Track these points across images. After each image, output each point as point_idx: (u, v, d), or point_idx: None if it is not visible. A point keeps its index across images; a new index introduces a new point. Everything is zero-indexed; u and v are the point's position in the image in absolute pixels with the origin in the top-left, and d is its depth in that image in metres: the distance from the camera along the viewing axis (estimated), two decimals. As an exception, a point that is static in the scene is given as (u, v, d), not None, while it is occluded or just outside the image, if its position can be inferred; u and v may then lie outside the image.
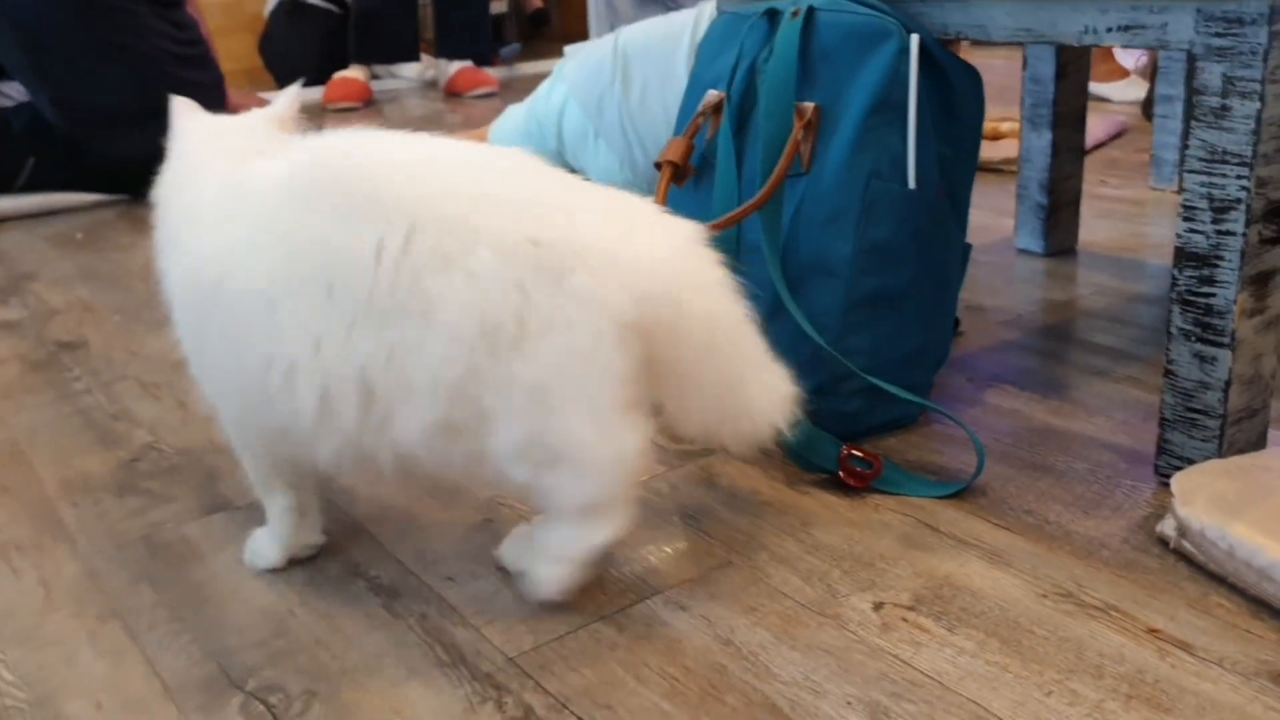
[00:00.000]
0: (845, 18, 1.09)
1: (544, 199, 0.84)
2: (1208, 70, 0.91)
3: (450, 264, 0.80)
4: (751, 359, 0.89)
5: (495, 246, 0.80)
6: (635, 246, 0.83)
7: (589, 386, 0.82)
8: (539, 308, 0.80)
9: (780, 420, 0.90)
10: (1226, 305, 0.94)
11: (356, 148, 0.86)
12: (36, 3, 2.22)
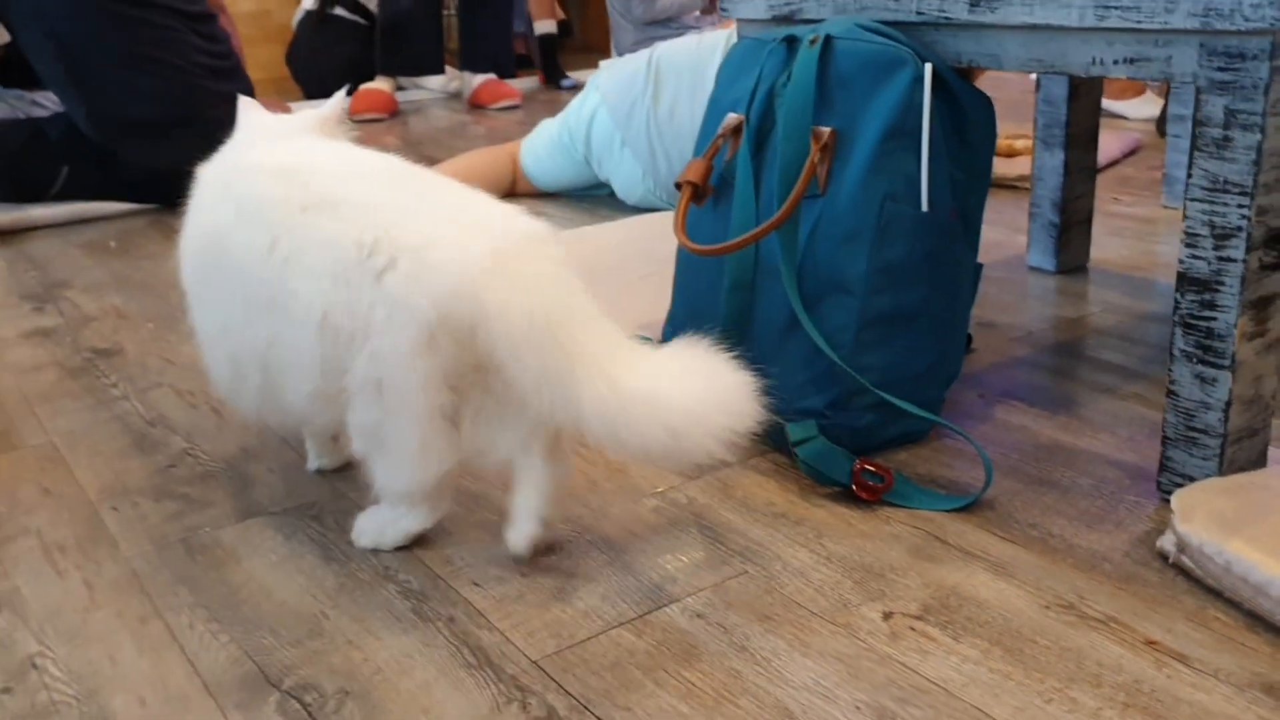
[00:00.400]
0: (862, 46, 1.13)
1: (389, 202, 0.96)
2: (1210, 103, 0.94)
3: (298, 264, 0.96)
4: (584, 355, 0.91)
5: (325, 247, 0.94)
6: (448, 248, 0.92)
7: (408, 383, 0.93)
8: (364, 307, 0.93)
9: (609, 421, 0.90)
10: (1227, 329, 0.97)
11: (263, 156, 1.05)
12: (74, 16, 2.27)
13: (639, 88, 2.21)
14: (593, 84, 2.32)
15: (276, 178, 1.01)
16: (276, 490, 1.18)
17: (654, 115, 2.18)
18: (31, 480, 1.23)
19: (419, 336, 0.91)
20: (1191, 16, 0.93)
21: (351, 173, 1.00)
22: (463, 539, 1.06)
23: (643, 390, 0.90)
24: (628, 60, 2.28)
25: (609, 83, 2.26)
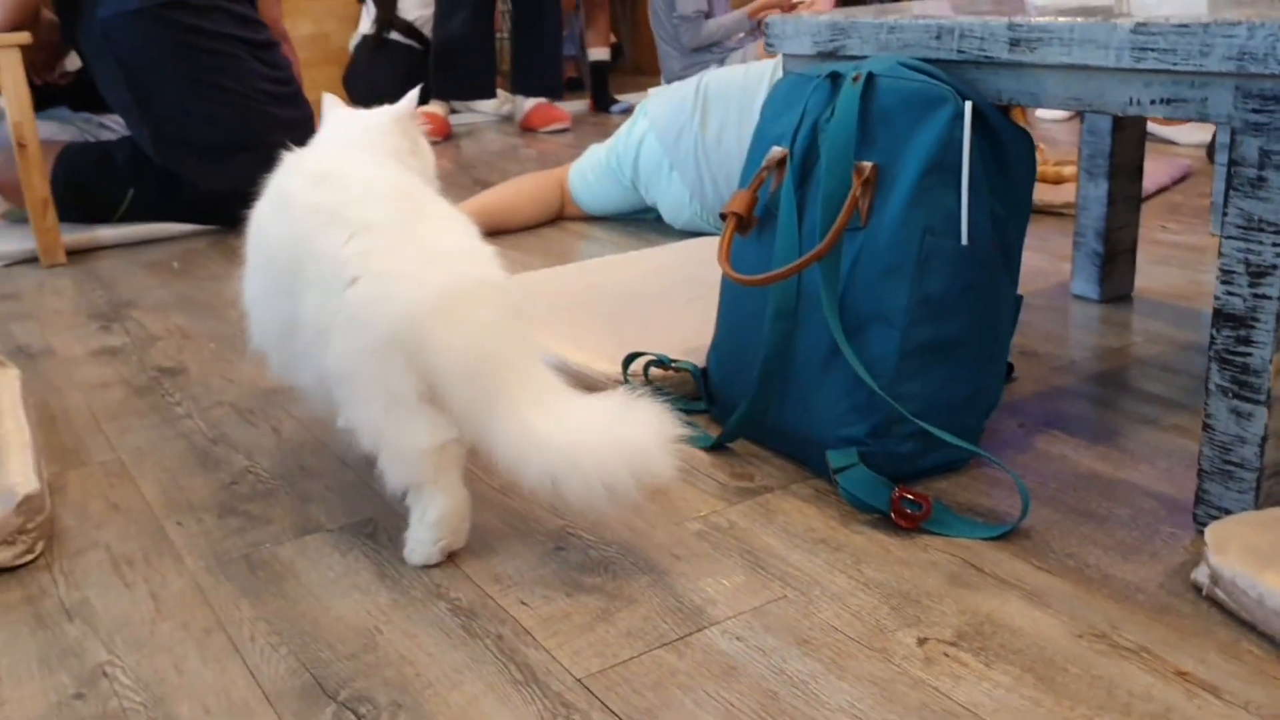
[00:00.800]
0: (903, 84, 1.16)
1: (380, 225, 1.06)
2: (1245, 143, 0.96)
3: (304, 264, 1.08)
4: (506, 398, 1.03)
5: (321, 252, 1.06)
6: (407, 281, 1.03)
7: (364, 377, 1.05)
8: (332, 310, 1.05)
9: (511, 460, 1.02)
10: (1262, 365, 0.99)
11: (310, 160, 1.17)
12: (144, 45, 2.36)
13: (687, 114, 2.25)
14: (641, 110, 2.37)
15: (308, 183, 1.13)
16: (333, 507, 1.23)
17: (701, 140, 2.22)
18: (100, 495, 1.29)
19: (370, 344, 1.04)
20: (1227, 60, 0.95)
21: (364, 192, 1.10)
22: (511, 558, 1.10)
23: (542, 437, 1.00)
24: (677, 87, 2.32)
25: (658, 109, 2.31)
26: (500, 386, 1.03)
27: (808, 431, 1.23)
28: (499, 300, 1.06)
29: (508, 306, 1.06)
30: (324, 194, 1.10)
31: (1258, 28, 0.92)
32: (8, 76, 2.23)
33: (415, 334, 1.02)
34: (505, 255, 2.21)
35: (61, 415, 1.54)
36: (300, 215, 1.11)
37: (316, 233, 1.08)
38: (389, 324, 1.03)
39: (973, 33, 1.15)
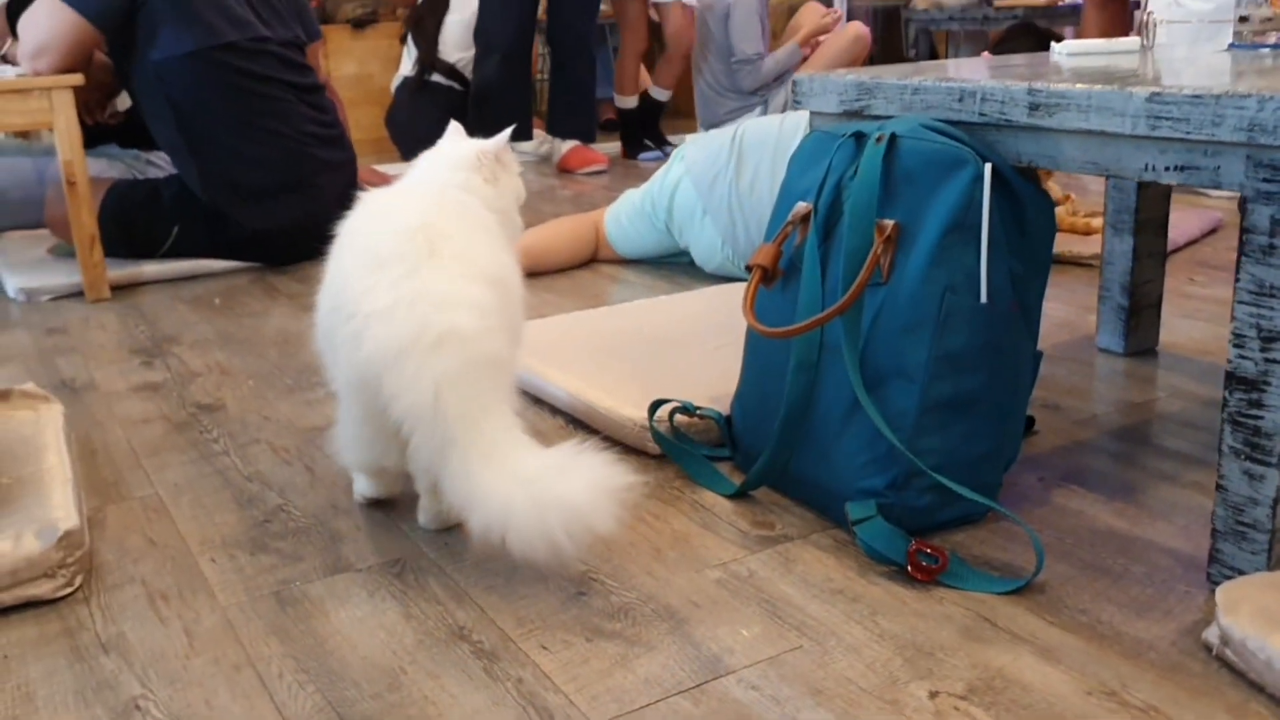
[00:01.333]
0: (925, 145, 1.19)
1: (395, 263, 1.14)
2: (1256, 211, 0.98)
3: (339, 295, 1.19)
4: (458, 444, 1.11)
5: (336, 292, 1.18)
6: (383, 327, 1.12)
7: (345, 393, 1.21)
8: (334, 335, 1.17)
9: (458, 502, 1.11)
10: (1274, 428, 1.00)
11: (385, 194, 1.26)
12: (195, 86, 2.43)
13: (723, 161, 2.30)
14: (678, 155, 2.41)
15: (367, 214, 1.23)
16: (363, 547, 1.26)
17: (736, 187, 2.26)
18: (138, 530, 1.33)
19: (349, 374, 1.17)
20: (1238, 130, 0.97)
21: (394, 226, 1.18)
22: (533, 601, 1.13)
23: (484, 490, 1.08)
24: (714, 135, 2.37)
25: (695, 155, 2.35)
26: (451, 435, 1.10)
27: (828, 482, 1.25)
28: (461, 350, 1.11)
29: (470, 356, 1.12)
30: (371, 226, 1.20)
31: (1267, 101, 0.94)
32: (60, 116, 2.31)
33: (376, 376, 1.12)
34: (537, 296, 2.25)
35: (103, 449, 1.58)
36: (350, 240, 1.21)
37: (351, 260, 1.18)
38: (357, 364, 1.14)
39: (993, 96, 1.17)
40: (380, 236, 1.17)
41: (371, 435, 1.21)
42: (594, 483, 1.06)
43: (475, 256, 1.18)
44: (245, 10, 2.48)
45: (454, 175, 1.30)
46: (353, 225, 1.23)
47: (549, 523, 1.04)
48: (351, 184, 2.66)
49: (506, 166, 1.36)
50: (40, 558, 1.16)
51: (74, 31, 2.32)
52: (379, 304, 1.13)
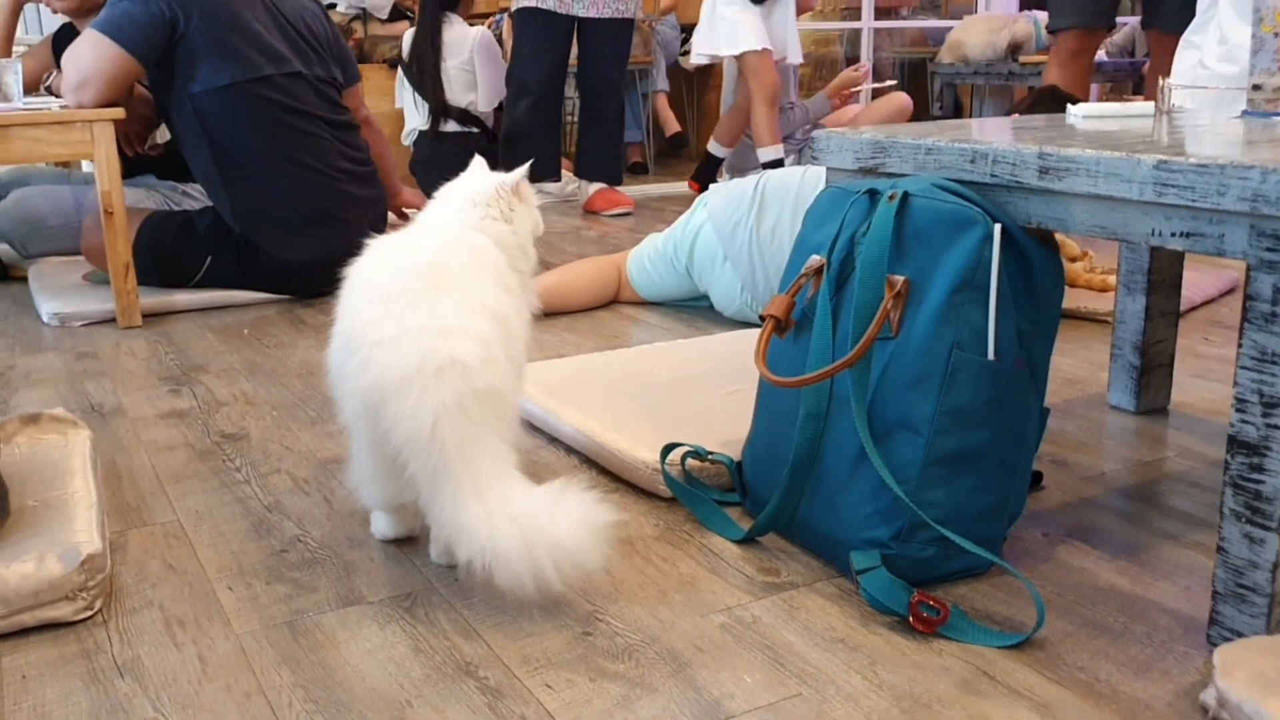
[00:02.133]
0: (936, 204, 1.21)
1: (401, 298, 1.18)
2: (1259, 280, 1.00)
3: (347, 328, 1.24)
4: (448, 477, 1.15)
5: (345, 327, 1.23)
6: (384, 357, 1.15)
7: (355, 424, 1.24)
8: (345, 366, 1.21)
9: (443, 533, 1.17)
10: (1274, 492, 1.02)
11: (402, 233, 1.31)
12: (232, 119, 2.49)
13: (744, 208, 2.33)
14: (701, 201, 2.46)
15: (376, 254, 1.27)
16: (376, 579, 1.29)
17: (756, 234, 2.29)
18: (158, 556, 1.36)
19: (356, 404, 1.21)
20: (1241, 200, 0.99)
21: (409, 265, 1.22)
22: (539, 639, 1.15)
23: (472, 523, 1.12)
24: (737, 183, 2.42)
25: (717, 201, 2.39)
26: (444, 466, 1.14)
27: (834, 531, 1.27)
28: (461, 380, 1.15)
29: (469, 388, 1.15)
30: (380, 264, 1.25)
31: (1270, 173, 0.97)
32: (100, 148, 2.37)
33: (379, 403, 1.16)
34: (557, 335, 2.29)
35: (127, 475, 1.62)
36: (357, 275, 1.26)
37: (359, 294, 1.23)
38: (363, 392, 1.18)
39: (1005, 158, 1.20)
40: (388, 273, 1.22)
41: (380, 468, 1.24)
42: (582, 520, 1.11)
43: (479, 293, 1.22)
44: (283, 45, 2.55)
45: (469, 213, 1.34)
46: (363, 264, 1.27)
47: (537, 558, 1.09)
48: (381, 220, 2.71)
49: (525, 199, 1.40)
50: (62, 580, 1.19)
51: (116, 65, 2.39)
52: (385, 333, 1.17)
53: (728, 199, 2.38)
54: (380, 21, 5.08)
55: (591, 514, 1.13)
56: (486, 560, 1.11)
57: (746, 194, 2.36)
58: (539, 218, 1.42)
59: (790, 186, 2.31)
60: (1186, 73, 2.27)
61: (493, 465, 1.16)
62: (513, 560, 1.10)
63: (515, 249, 1.35)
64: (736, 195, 2.38)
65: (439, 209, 1.38)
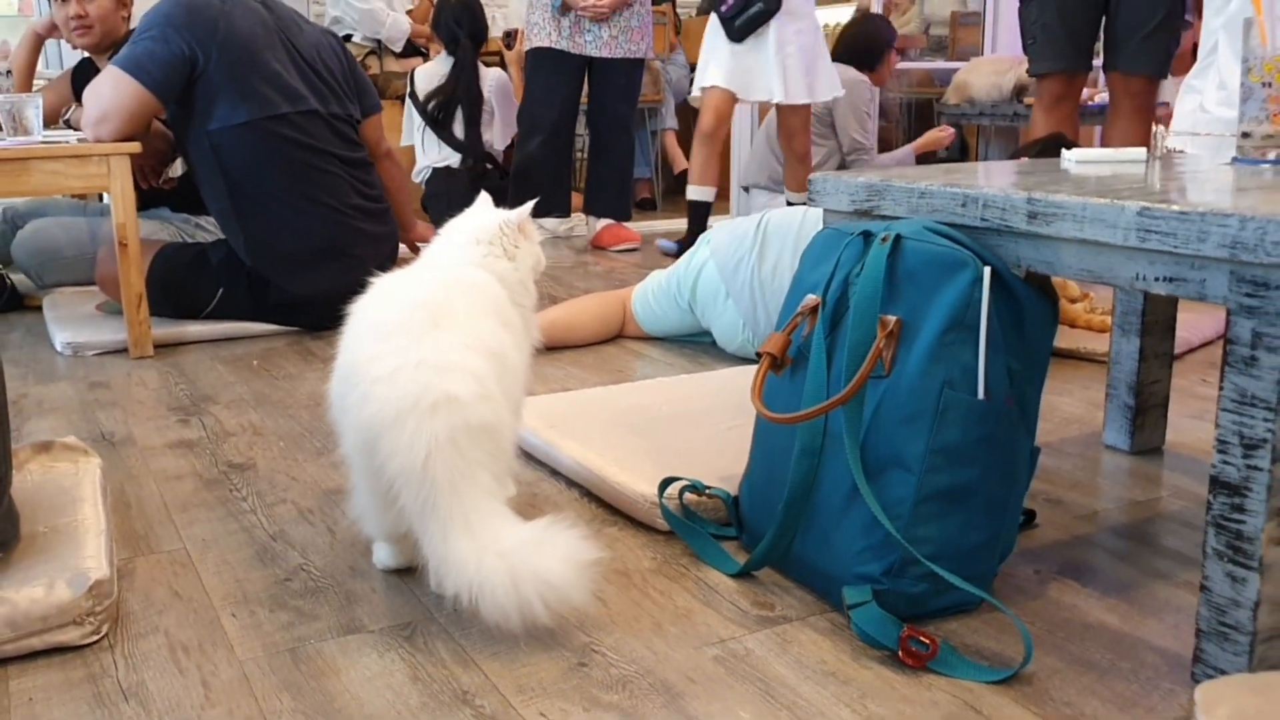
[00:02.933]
0: (928, 247, 1.25)
1: (399, 334, 1.23)
2: (1239, 324, 1.03)
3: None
4: (437, 511, 1.18)
5: (347, 353, 1.28)
6: (382, 392, 1.20)
7: (354, 458, 1.28)
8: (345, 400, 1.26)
9: (434, 565, 1.19)
10: (1255, 532, 1.04)
11: (382, 281, 1.34)
12: (248, 155, 2.54)
13: (746, 247, 2.37)
14: (705, 239, 2.49)
15: (378, 293, 1.32)
16: (377, 609, 1.31)
17: (758, 273, 2.33)
18: (164, 583, 1.39)
19: (355, 438, 1.25)
20: (1221, 247, 1.02)
21: (409, 302, 1.27)
22: (535, 669, 1.17)
23: (461, 557, 1.16)
24: (739, 222, 2.45)
25: (720, 239, 2.43)
26: (435, 499, 1.17)
27: (827, 566, 1.29)
28: (455, 415, 1.18)
29: (463, 423, 1.18)
30: (381, 302, 1.30)
31: (1248, 221, 1.00)
32: (116, 181, 2.42)
33: (376, 437, 1.20)
34: (561, 369, 2.31)
35: (136, 503, 1.65)
36: (360, 318, 1.31)
37: (361, 331, 1.28)
38: (361, 425, 1.22)
39: (995, 203, 1.23)
40: (390, 310, 1.26)
41: (379, 500, 1.27)
42: (569, 556, 1.15)
43: (479, 330, 1.26)
44: (300, 84, 2.60)
45: (473, 250, 1.38)
46: (366, 301, 1.31)
47: (524, 593, 1.13)
48: (392, 255, 2.75)
49: (528, 236, 1.44)
50: (70, 605, 1.22)
51: (135, 101, 2.44)
52: (384, 369, 1.21)
53: (730, 237, 2.42)
54: (395, 56, 5.16)
55: (578, 550, 1.16)
56: (474, 594, 1.14)
57: (749, 233, 2.39)
58: (540, 254, 1.46)
59: (791, 226, 2.35)
60: (1187, 116, 2.30)
61: (483, 500, 1.19)
62: (499, 595, 1.13)
63: (517, 285, 1.39)
64: (739, 234, 2.41)
65: (444, 245, 1.42)
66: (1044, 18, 3.02)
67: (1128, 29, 2.91)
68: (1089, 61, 3.08)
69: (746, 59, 3.69)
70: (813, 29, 3.71)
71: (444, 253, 1.41)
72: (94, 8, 3.02)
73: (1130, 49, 2.92)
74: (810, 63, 3.70)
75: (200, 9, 2.48)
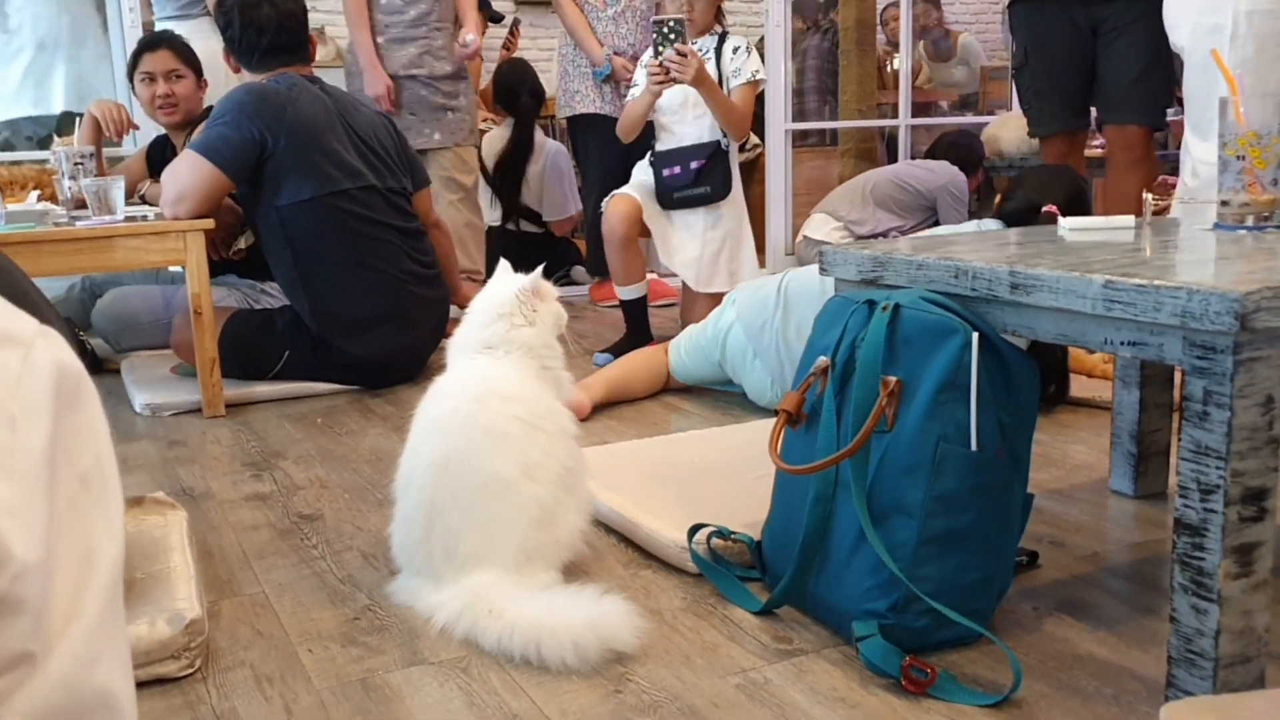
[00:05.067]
0: (923, 315, 1.39)
1: (459, 391, 1.57)
2: (1192, 383, 1.17)
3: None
4: (474, 534, 1.51)
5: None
6: (449, 414, 1.55)
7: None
8: None
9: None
10: (1214, 568, 1.17)
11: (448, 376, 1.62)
12: (312, 228, 2.74)
13: (770, 309, 2.52)
14: (730, 300, 2.65)
15: (432, 393, 1.60)
16: (436, 644, 1.47)
17: (783, 334, 2.48)
18: (247, 622, 1.55)
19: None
20: (1174, 316, 1.16)
21: (457, 376, 1.60)
22: (576, 695, 1.32)
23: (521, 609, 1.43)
24: (761, 284, 2.60)
25: (744, 301, 2.59)
26: (475, 514, 1.51)
27: (839, 603, 1.43)
28: (486, 464, 1.49)
29: (495, 470, 1.50)
30: (430, 404, 1.61)
31: (1195, 293, 1.13)
32: (192, 255, 2.63)
33: (435, 458, 1.54)
34: (603, 424, 2.46)
35: (217, 551, 1.82)
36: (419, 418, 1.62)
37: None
38: (414, 448, 1.59)
39: (982, 275, 1.38)
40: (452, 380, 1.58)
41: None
42: (624, 608, 1.41)
43: (514, 394, 1.55)
44: (358, 161, 2.81)
45: (495, 328, 1.59)
46: (423, 401, 1.61)
47: (584, 634, 1.36)
48: (444, 318, 2.93)
49: (544, 298, 1.60)
50: (169, 641, 1.39)
51: (210, 182, 2.66)
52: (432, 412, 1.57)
53: (753, 300, 2.57)
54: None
55: (626, 605, 1.44)
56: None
57: (770, 296, 2.54)
58: (561, 311, 1.63)
59: (813, 289, 2.48)
60: (1186, 177, 2.43)
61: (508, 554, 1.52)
62: (560, 633, 1.39)
63: (542, 347, 1.56)
64: (762, 297, 2.56)
65: (470, 324, 1.62)
66: (1036, 83, 3.18)
67: (1113, 81, 3.05)
68: (1087, 119, 3.22)
69: (665, 222, 3.28)
70: (738, 215, 3.33)
71: (469, 334, 1.61)
72: (180, 87, 3.27)
73: (1117, 100, 3.06)
74: (735, 249, 3.31)
75: (269, 97, 2.70)
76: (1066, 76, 3.11)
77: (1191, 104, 2.41)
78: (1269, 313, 1.11)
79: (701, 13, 3.18)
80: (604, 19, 4.04)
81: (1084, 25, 3.07)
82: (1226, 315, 1.11)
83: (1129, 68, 2.96)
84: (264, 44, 2.83)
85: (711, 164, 3.17)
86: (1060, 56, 3.10)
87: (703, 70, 2.98)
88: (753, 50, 3.22)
